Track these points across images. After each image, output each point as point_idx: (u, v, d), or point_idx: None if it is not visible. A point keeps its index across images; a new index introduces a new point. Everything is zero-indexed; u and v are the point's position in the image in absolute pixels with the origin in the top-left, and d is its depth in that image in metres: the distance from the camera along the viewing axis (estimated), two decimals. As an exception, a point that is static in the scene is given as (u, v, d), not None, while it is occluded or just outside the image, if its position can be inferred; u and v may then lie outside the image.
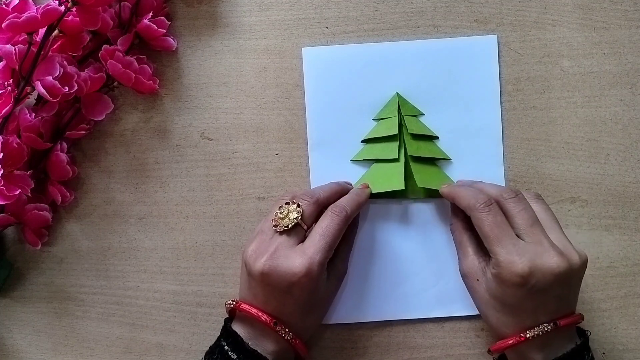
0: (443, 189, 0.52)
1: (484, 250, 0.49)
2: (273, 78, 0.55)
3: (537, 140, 0.54)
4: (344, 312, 0.54)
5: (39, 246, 0.53)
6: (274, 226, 0.48)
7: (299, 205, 0.48)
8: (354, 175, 0.54)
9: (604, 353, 0.53)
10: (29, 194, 0.50)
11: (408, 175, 0.53)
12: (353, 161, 0.54)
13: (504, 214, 0.47)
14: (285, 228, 0.47)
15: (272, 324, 0.46)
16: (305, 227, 0.48)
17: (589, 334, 0.47)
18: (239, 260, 0.54)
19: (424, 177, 0.52)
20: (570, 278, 0.45)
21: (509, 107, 0.54)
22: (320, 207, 0.49)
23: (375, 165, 0.54)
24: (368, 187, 0.53)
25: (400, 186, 0.52)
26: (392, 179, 0.52)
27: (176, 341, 0.54)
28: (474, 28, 0.55)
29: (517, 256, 0.45)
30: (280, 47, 0.55)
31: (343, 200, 0.50)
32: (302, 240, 0.48)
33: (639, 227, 0.54)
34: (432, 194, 0.53)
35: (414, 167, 0.53)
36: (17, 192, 0.49)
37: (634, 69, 0.55)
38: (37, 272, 0.55)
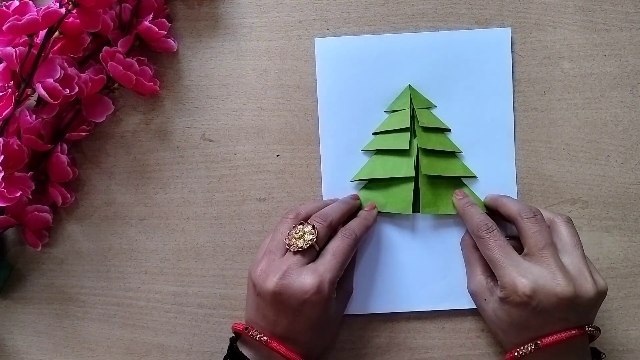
0: (455, 201, 0.53)
1: (492, 270, 0.49)
2: (274, 79, 0.55)
3: (538, 141, 0.54)
4: (352, 304, 0.53)
5: (40, 247, 0.54)
6: (287, 245, 0.47)
7: (314, 227, 0.48)
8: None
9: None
10: (30, 196, 0.50)
11: (417, 195, 0.53)
12: (364, 151, 0.54)
13: (518, 232, 0.48)
14: (300, 249, 0.47)
15: None
16: (317, 249, 0.48)
17: (604, 357, 0.48)
18: (240, 261, 0.54)
19: (432, 198, 0.53)
20: (577, 304, 0.45)
21: (509, 109, 0.55)
22: (333, 230, 0.50)
23: (383, 183, 0.54)
24: (375, 207, 0.53)
25: (407, 210, 0.52)
26: (400, 198, 0.52)
27: (177, 342, 0.54)
28: (475, 30, 0.55)
29: (521, 277, 0.46)
30: (281, 48, 0.55)
31: (353, 224, 0.50)
32: (313, 261, 0.48)
33: (639, 228, 0.54)
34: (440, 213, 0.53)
35: (425, 186, 0.53)
36: (18, 193, 0.49)
37: (634, 70, 0.55)
38: (37, 273, 0.55)
